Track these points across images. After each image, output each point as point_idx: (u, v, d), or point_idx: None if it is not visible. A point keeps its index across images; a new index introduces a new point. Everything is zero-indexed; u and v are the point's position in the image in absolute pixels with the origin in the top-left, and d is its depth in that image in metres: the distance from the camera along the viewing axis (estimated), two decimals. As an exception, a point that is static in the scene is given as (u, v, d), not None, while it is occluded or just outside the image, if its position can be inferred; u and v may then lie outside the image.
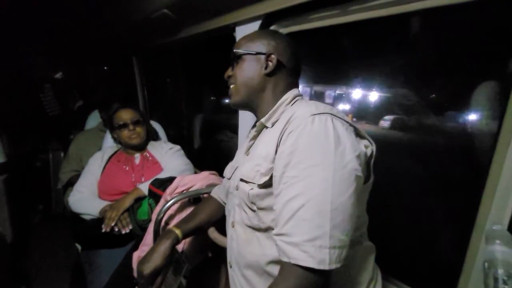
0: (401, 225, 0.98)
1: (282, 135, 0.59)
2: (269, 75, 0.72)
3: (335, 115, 0.57)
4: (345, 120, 0.58)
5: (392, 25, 0.80)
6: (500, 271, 0.44)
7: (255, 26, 1.04)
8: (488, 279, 0.45)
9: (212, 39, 1.40)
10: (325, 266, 0.47)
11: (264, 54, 0.71)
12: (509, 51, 0.63)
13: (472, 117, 0.78)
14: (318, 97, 1.19)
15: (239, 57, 0.74)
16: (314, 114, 0.56)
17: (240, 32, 1.13)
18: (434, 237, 0.89)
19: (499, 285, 0.43)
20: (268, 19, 1.00)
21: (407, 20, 0.76)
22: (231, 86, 0.76)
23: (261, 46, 0.72)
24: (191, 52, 2.13)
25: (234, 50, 0.74)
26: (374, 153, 0.62)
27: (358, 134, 0.61)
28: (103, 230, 1.28)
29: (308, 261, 0.48)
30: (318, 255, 0.47)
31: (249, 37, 0.75)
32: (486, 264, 0.47)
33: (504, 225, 0.56)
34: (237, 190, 0.71)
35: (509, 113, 0.57)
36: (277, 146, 0.59)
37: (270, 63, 0.71)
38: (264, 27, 1.01)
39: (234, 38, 1.17)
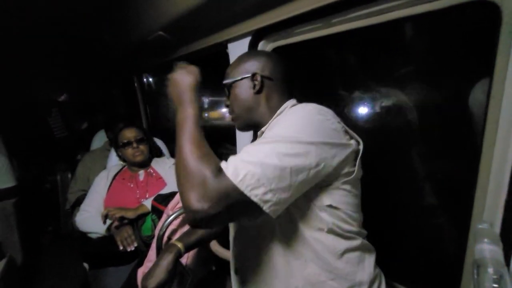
0: (400, 227, 0.97)
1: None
2: (258, 92, 0.77)
3: (325, 112, 0.62)
4: (334, 118, 0.62)
5: (370, 33, 0.83)
6: (490, 270, 0.44)
7: (245, 42, 1.09)
8: (479, 278, 0.45)
9: (207, 55, 1.45)
10: (234, 179, 0.50)
11: (248, 76, 0.78)
12: (485, 54, 0.65)
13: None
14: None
15: (230, 86, 0.81)
16: (305, 107, 0.63)
17: (232, 48, 1.17)
18: (434, 239, 0.89)
19: (489, 283, 0.43)
20: (257, 35, 1.04)
21: (383, 29, 0.79)
22: (232, 114, 0.83)
23: (244, 70, 0.79)
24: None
25: (224, 82, 0.82)
26: (361, 151, 0.65)
27: (347, 133, 0.64)
28: (103, 220, 1.37)
29: (228, 169, 0.52)
30: (237, 170, 0.51)
31: (233, 66, 0.82)
32: (475, 263, 0.47)
33: (496, 224, 0.56)
34: None
35: (490, 112, 0.58)
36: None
37: (256, 82, 0.77)
38: (253, 42, 1.06)
39: (227, 54, 1.22)
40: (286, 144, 0.54)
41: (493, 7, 0.58)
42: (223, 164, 0.54)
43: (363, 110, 1.02)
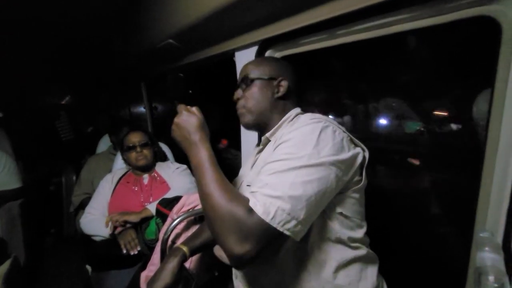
0: (403, 236, 0.97)
1: (281, 137, 0.65)
2: (280, 98, 0.79)
3: (329, 123, 0.63)
4: (339, 128, 0.64)
5: (375, 46, 0.85)
6: (491, 278, 0.45)
7: (252, 51, 1.12)
8: (480, 286, 0.46)
9: (214, 63, 1.49)
10: (266, 218, 0.51)
11: (275, 79, 0.78)
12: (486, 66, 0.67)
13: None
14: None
15: (250, 81, 0.79)
16: (312, 119, 0.63)
17: (239, 57, 1.21)
18: (437, 247, 0.89)
19: (491, 292, 0.44)
20: (264, 45, 1.07)
21: (387, 42, 0.82)
22: (242, 109, 0.81)
23: (272, 72, 0.79)
24: (195, 74, 2.24)
25: (247, 75, 0.79)
26: (367, 158, 0.66)
27: (352, 142, 0.65)
28: (107, 226, 1.40)
29: (257, 208, 0.52)
30: (266, 208, 0.51)
31: (259, 63, 0.81)
32: (477, 271, 0.47)
33: (499, 233, 0.57)
34: None
35: (492, 123, 0.59)
36: (274, 147, 0.65)
37: (281, 88, 0.78)
38: (260, 52, 1.09)
39: (234, 62, 1.25)
40: (307, 169, 0.54)
41: (493, 23, 0.60)
42: (251, 203, 0.54)
43: (366, 119, 1.03)
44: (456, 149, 0.85)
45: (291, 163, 0.55)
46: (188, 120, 0.69)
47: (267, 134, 0.78)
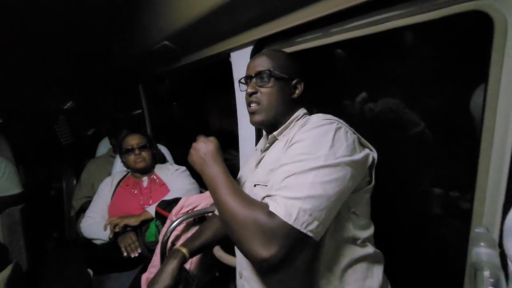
0: (403, 235, 0.97)
1: (292, 137, 0.65)
2: (295, 99, 0.79)
3: (341, 124, 0.64)
4: (350, 129, 0.65)
5: (369, 42, 0.85)
6: (486, 273, 0.45)
7: (248, 51, 1.12)
8: (476, 281, 0.46)
9: (210, 64, 1.49)
10: (288, 220, 0.51)
11: (294, 79, 0.79)
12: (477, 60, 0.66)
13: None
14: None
15: (270, 77, 0.75)
16: (324, 120, 0.64)
17: (235, 57, 1.20)
18: (436, 245, 0.89)
19: (486, 287, 0.44)
20: (259, 44, 1.07)
21: (381, 39, 0.81)
22: (257, 106, 0.77)
23: (291, 70, 0.78)
24: (193, 75, 2.24)
25: (267, 70, 0.75)
26: (375, 159, 0.67)
27: (361, 143, 0.66)
28: (105, 229, 1.39)
29: (278, 210, 0.52)
30: (288, 210, 0.51)
31: (279, 58, 0.77)
32: (473, 266, 0.48)
33: (495, 228, 0.57)
34: None
35: (486, 119, 0.59)
36: (287, 148, 0.65)
37: (297, 90, 0.79)
38: (255, 51, 1.09)
39: (229, 62, 1.25)
40: (324, 169, 0.55)
41: (486, 18, 0.60)
42: (271, 207, 0.53)
43: (359, 117, 1.03)
44: (453, 145, 0.85)
45: (309, 164, 0.55)
46: (205, 145, 0.74)
47: (275, 133, 0.78)
